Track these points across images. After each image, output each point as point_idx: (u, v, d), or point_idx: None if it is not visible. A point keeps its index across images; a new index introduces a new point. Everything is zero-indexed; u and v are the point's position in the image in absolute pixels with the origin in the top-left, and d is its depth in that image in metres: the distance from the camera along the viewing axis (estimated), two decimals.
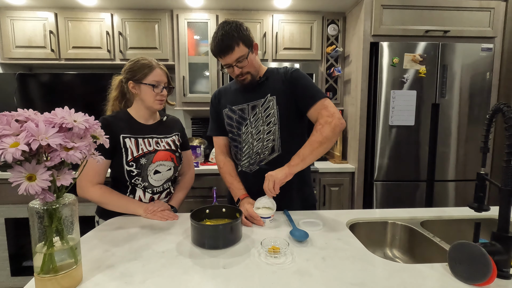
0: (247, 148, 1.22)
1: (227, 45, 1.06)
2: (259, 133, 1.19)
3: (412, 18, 2.07)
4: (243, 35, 1.08)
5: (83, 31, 2.27)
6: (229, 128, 1.25)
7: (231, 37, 1.06)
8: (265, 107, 1.18)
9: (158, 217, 1.08)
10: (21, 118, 0.58)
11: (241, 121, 1.21)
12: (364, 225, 1.10)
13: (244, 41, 1.09)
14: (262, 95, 1.18)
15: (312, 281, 0.68)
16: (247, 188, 1.21)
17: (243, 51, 1.09)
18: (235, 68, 1.11)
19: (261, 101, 1.18)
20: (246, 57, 1.10)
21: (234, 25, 1.08)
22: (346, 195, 2.25)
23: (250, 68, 1.13)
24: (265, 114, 1.18)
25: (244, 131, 1.21)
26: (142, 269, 0.74)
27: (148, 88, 1.14)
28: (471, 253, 0.66)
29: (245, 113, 1.20)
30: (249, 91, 1.20)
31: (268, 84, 1.19)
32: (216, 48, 1.09)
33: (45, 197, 0.59)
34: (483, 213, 0.79)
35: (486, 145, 0.77)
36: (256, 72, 1.17)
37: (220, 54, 1.09)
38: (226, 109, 1.24)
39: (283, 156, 1.17)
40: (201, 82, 2.42)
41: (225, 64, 1.12)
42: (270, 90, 1.18)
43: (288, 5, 2.26)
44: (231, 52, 1.07)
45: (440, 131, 2.06)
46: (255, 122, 1.19)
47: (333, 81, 2.43)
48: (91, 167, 1.09)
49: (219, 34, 1.07)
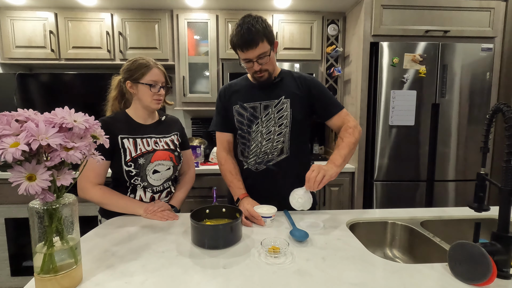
0: (255, 146, 1.22)
1: (252, 39, 1.04)
2: (270, 133, 1.19)
3: (412, 18, 2.07)
4: (268, 31, 1.08)
5: (83, 31, 2.27)
6: (239, 125, 1.23)
7: (257, 32, 1.04)
8: (278, 108, 1.19)
9: (158, 217, 1.08)
10: (21, 118, 0.58)
11: (252, 119, 1.21)
12: (364, 225, 1.10)
13: (268, 38, 1.08)
14: (276, 96, 1.19)
15: (312, 281, 0.68)
16: (251, 186, 1.21)
17: (266, 47, 1.08)
18: (255, 64, 1.10)
19: (275, 102, 1.19)
20: (268, 54, 1.09)
21: (260, 20, 1.07)
22: (346, 195, 2.25)
23: (269, 66, 1.13)
24: (278, 115, 1.19)
25: (254, 129, 1.21)
26: (142, 269, 0.74)
27: (146, 88, 1.14)
28: (471, 253, 0.66)
29: (257, 112, 1.20)
30: (262, 90, 1.20)
31: (282, 86, 1.20)
32: (239, 40, 1.05)
33: (45, 197, 0.59)
34: (483, 213, 0.79)
35: (486, 145, 0.77)
36: (273, 70, 1.18)
37: (243, 48, 1.07)
38: (237, 105, 1.23)
39: (291, 159, 1.21)
40: (201, 82, 2.42)
41: (245, 58, 1.10)
42: (285, 92, 1.19)
43: (288, 5, 2.26)
44: (255, 47, 1.06)
45: (440, 131, 2.06)
46: (267, 122, 1.19)
47: (333, 81, 2.43)
48: (91, 168, 1.09)
49: (245, 27, 1.04)
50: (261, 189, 1.21)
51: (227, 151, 1.28)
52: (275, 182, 1.22)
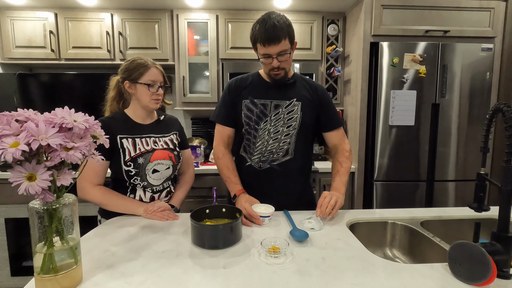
0: (260, 144, 1.21)
1: (276, 35, 1.05)
2: (277, 133, 1.20)
3: (412, 18, 2.07)
4: (291, 30, 1.10)
5: (83, 31, 2.27)
6: (247, 120, 1.22)
7: (282, 28, 1.05)
8: (289, 109, 1.19)
9: (158, 217, 1.08)
10: (21, 118, 0.58)
11: (261, 116, 1.20)
12: (364, 225, 1.10)
13: (290, 37, 1.10)
14: (287, 97, 1.20)
15: (312, 281, 0.68)
16: (251, 183, 1.21)
17: (287, 45, 1.09)
18: (275, 61, 1.10)
19: (286, 102, 1.20)
20: (288, 53, 1.11)
21: (285, 18, 1.09)
22: (346, 195, 2.25)
23: (287, 64, 1.14)
24: (288, 116, 1.19)
25: (262, 127, 1.20)
26: (142, 269, 0.74)
27: (144, 88, 1.14)
28: (471, 253, 0.66)
29: (267, 110, 1.20)
30: (275, 89, 1.21)
31: (294, 89, 1.22)
32: (264, 34, 1.05)
33: (45, 197, 0.59)
34: (483, 213, 0.79)
35: (486, 145, 0.77)
36: (289, 70, 1.19)
37: (265, 42, 1.06)
38: (247, 100, 1.22)
39: (295, 160, 1.22)
40: (201, 82, 2.42)
41: (265, 53, 1.10)
42: (297, 95, 1.20)
43: (288, 5, 2.26)
44: (278, 43, 1.06)
45: (440, 131, 2.06)
46: (276, 121, 1.20)
47: (333, 81, 2.43)
48: (91, 168, 1.09)
49: (270, 22, 1.05)
50: (262, 187, 1.22)
51: (226, 145, 1.26)
52: (276, 182, 1.23)
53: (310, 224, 1.00)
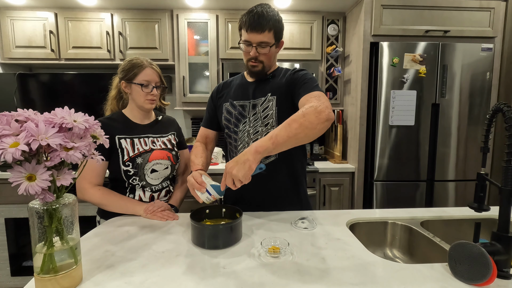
0: (242, 147, 1.17)
1: (260, 24, 1.03)
2: (257, 133, 1.14)
3: (412, 18, 2.07)
4: (278, 25, 1.07)
5: (83, 31, 2.27)
6: (226, 123, 1.20)
7: (268, 20, 1.04)
8: (264, 106, 1.14)
9: (158, 217, 1.08)
10: (21, 118, 0.58)
11: (240, 118, 1.17)
12: (364, 225, 1.10)
13: (276, 32, 1.07)
14: (263, 93, 1.15)
15: (312, 281, 0.68)
16: (239, 190, 0.96)
17: (270, 38, 1.07)
18: (253, 50, 1.07)
19: (262, 99, 1.15)
20: (269, 46, 1.08)
21: (276, 13, 1.07)
22: (346, 195, 2.25)
23: (265, 58, 1.11)
24: (263, 114, 1.14)
25: (241, 129, 1.17)
26: (142, 269, 0.73)
27: (138, 88, 1.14)
28: (471, 253, 0.66)
29: (245, 111, 1.16)
30: (254, 87, 1.17)
31: (271, 83, 1.15)
32: (248, 20, 1.04)
33: (45, 197, 0.59)
34: (483, 213, 0.79)
35: (486, 145, 0.77)
36: (268, 66, 1.15)
37: (249, 29, 1.05)
38: (227, 103, 1.20)
39: (280, 162, 1.15)
40: (201, 82, 2.42)
41: (246, 40, 1.08)
42: (272, 89, 1.14)
43: (288, 5, 2.26)
44: (260, 32, 1.04)
45: (440, 131, 2.06)
46: (254, 122, 1.15)
47: (333, 81, 2.43)
48: (90, 168, 1.09)
49: (258, 10, 1.03)
50: (249, 193, 1.14)
51: (204, 144, 1.26)
52: (263, 186, 1.16)
53: (304, 224, 1.00)
